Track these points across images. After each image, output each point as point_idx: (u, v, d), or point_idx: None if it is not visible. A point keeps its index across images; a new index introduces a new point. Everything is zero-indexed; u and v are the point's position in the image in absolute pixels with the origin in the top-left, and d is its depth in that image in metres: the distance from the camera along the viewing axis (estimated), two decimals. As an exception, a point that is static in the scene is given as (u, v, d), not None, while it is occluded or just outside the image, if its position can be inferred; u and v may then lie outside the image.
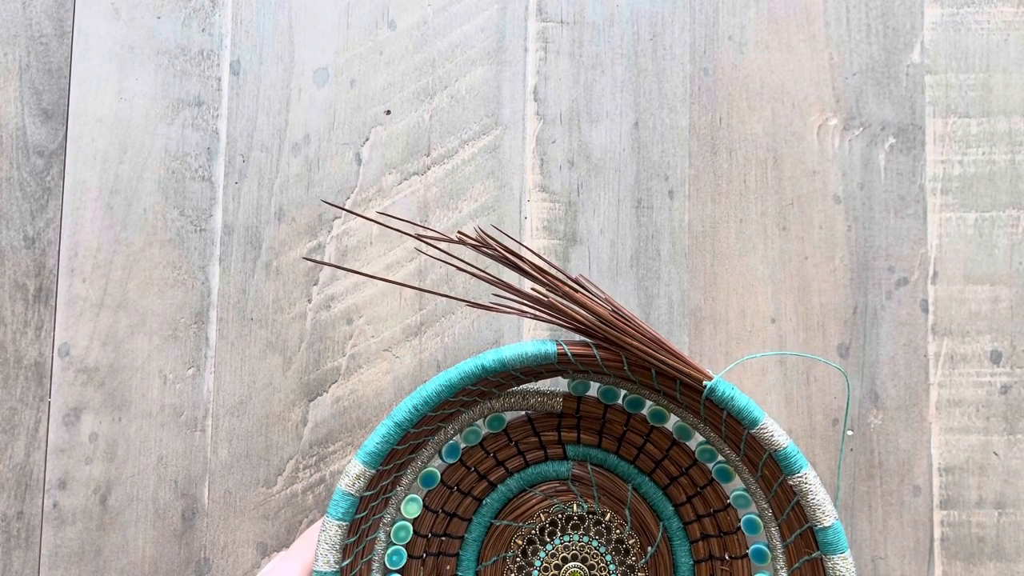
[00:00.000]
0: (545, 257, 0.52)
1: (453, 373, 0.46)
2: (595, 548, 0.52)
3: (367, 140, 0.55)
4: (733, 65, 0.54)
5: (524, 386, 0.51)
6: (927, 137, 0.54)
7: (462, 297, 0.52)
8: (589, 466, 0.52)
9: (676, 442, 0.51)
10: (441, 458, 0.52)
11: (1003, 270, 0.53)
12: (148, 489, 0.54)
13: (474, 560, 0.52)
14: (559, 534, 0.52)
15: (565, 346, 0.46)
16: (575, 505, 0.52)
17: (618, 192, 0.54)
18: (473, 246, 0.47)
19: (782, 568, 0.49)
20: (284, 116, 0.56)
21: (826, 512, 0.44)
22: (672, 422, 0.51)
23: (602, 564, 0.52)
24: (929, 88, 0.54)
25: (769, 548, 0.49)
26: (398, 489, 0.51)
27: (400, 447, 0.47)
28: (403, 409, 0.46)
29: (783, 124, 0.54)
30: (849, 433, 0.53)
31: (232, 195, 0.55)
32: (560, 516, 0.52)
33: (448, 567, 0.52)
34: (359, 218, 0.54)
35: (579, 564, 0.52)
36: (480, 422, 0.52)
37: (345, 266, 0.54)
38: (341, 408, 0.54)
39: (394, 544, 0.51)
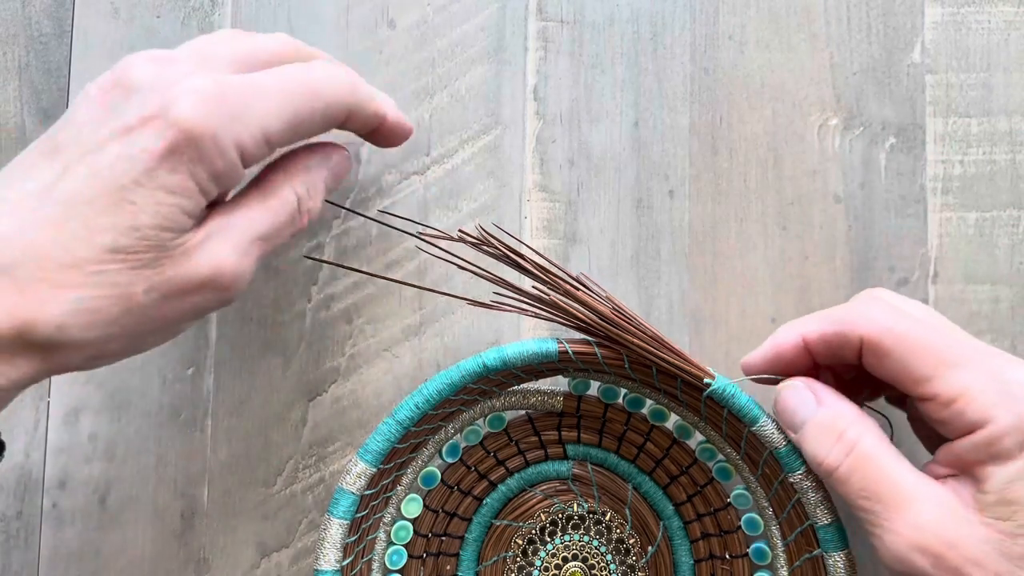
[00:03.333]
0: (546, 256, 0.52)
1: (455, 371, 0.46)
2: (595, 548, 0.52)
3: (367, 139, 0.55)
4: (733, 64, 0.55)
5: (524, 385, 0.51)
6: (927, 137, 0.54)
7: (463, 296, 0.52)
8: (589, 465, 0.52)
9: (676, 441, 0.51)
10: (441, 457, 0.52)
11: (1003, 270, 0.53)
12: (147, 489, 0.53)
13: (474, 560, 0.52)
14: (559, 534, 0.52)
15: (566, 344, 0.46)
16: (575, 505, 0.52)
17: (618, 192, 0.54)
18: (474, 244, 0.47)
19: (783, 567, 0.49)
20: (284, 116, 0.55)
21: (826, 509, 0.44)
22: (672, 421, 0.51)
23: (602, 564, 0.52)
24: (930, 88, 0.54)
25: (770, 547, 0.49)
26: (398, 488, 0.51)
27: (401, 446, 0.47)
28: (405, 407, 0.46)
29: (783, 123, 0.54)
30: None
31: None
32: (560, 516, 0.52)
33: (448, 567, 0.52)
34: (358, 218, 0.54)
35: (579, 564, 0.52)
36: (480, 421, 0.52)
37: (347, 265, 0.53)
38: (340, 408, 0.54)
39: (394, 544, 0.51)
